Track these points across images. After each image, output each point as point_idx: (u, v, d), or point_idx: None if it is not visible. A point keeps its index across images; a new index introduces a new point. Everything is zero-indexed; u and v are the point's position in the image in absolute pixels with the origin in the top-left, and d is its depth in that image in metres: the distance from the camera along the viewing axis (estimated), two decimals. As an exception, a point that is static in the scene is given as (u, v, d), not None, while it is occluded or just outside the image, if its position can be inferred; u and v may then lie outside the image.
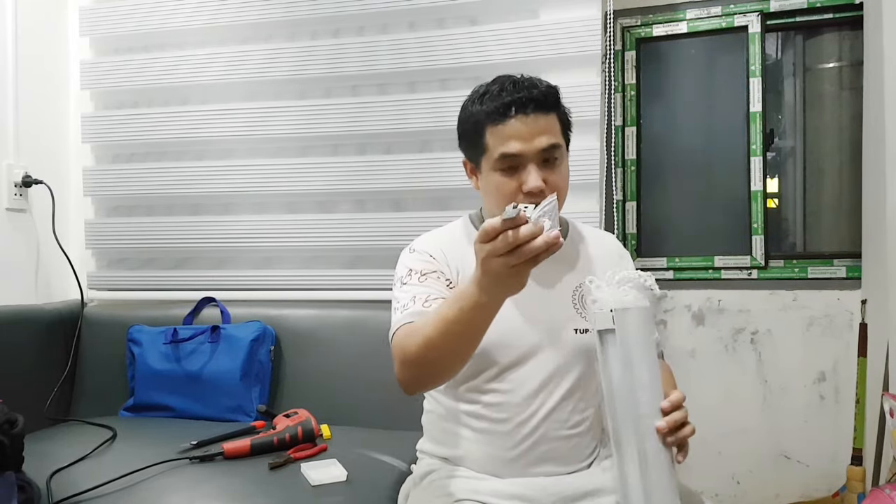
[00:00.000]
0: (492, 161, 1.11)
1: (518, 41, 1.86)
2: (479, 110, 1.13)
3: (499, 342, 1.11)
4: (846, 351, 2.05)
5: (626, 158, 2.27)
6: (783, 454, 2.11)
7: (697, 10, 2.20)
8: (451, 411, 1.19)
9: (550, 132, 1.11)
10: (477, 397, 1.15)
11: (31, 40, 2.05)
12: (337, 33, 2.02)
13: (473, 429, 1.16)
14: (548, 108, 1.12)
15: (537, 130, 1.09)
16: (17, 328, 1.82)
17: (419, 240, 1.24)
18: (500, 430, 1.13)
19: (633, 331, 0.94)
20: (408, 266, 1.18)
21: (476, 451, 1.15)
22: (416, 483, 1.23)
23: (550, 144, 1.10)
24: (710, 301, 2.17)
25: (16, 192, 1.98)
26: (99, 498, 1.23)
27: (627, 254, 1.32)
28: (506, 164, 1.10)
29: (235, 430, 1.56)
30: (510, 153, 1.09)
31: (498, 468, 1.13)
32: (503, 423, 1.13)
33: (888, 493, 1.47)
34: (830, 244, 2.22)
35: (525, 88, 1.11)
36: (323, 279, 2.00)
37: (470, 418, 1.16)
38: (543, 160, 1.10)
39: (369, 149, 1.99)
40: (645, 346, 0.95)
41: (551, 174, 1.11)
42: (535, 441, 1.12)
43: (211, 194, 2.08)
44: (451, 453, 1.19)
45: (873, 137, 1.91)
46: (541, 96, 1.11)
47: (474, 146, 1.15)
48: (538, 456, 1.12)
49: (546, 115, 1.11)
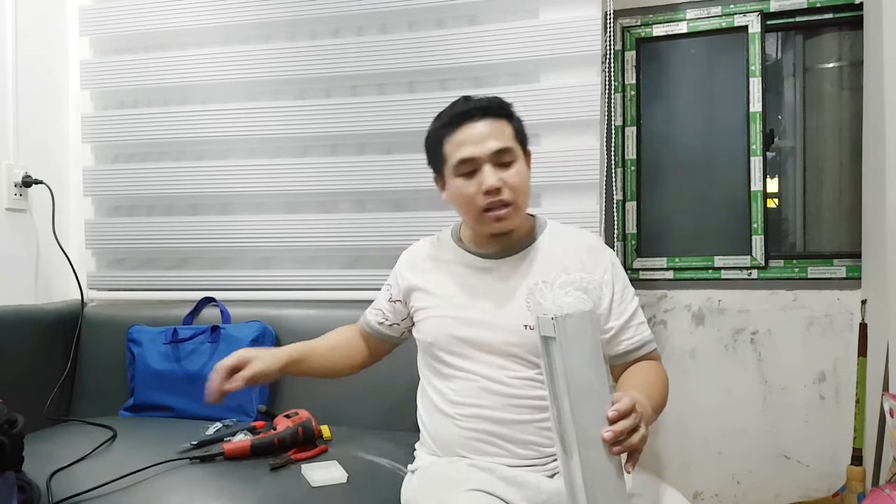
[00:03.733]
0: (452, 168, 1.24)
1: (518, 41, 1.86)
2: (437, 126, 1.27)
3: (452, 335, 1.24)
4: (846, 351, 2.05)
5: (626, 158, 2.26)
6: (783, 454, 2.11)
7: (697, 10, 2.20)
8: (428, 402, 1.30)
9: (500, 136, 1.22)
10: (438, 384, 1.28)
11: (31, 40, 2.05)
12: (337, 33, 2.02)
13: (443, 413, 1.25)
14: (496, 115, 1.24)
15: (487, 135, 1.21)
16: (16, 328, 1.82)
17: (410, 249, 1.46)
18: (461, 413, 1.22)
19: (574, 337, 0.91)
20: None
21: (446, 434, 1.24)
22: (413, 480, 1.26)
23: (501, 147, 1.21)
24: (710, 301, 2.17)
25: (16, 192, 1.98)
26: (99, 498, 1.23)
27: (602, 250, 1.31)
28: (464, 169, 1.22)
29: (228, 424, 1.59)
30: (465, 157, 1.21)
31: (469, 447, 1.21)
32: (460, 406, 1.22)
33: (888, 493, 1.47)
34: (830, 244, 2.21)
35: (475, 100, 1.25)
36: (323, 279, 2.00)
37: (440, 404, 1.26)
38: (498, 163, 1.21)
39: (369, 149, 1.99)
40: (589, 351, 0.92)
41: (507, 175, 1.21)
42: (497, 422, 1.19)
43: (211, 194, 2.08)
44: (432, 443, 1.27)
45: (873, 137, 1.91)
46: (487, 104, 1.24)
47: (437, 159, 1.28)
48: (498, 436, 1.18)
49: (495, 121, 1.23)
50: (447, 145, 1.24)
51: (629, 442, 0.93)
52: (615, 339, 1.25)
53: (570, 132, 1.84)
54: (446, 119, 1.25)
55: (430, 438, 1.29)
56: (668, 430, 2.16)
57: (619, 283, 1.27)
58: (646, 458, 1.05)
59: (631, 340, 1.25)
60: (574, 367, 0.91)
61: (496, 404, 1.19)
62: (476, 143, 1.21)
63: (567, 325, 0.91)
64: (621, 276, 1.28)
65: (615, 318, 1.25)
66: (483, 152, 1.20)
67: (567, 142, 1.84)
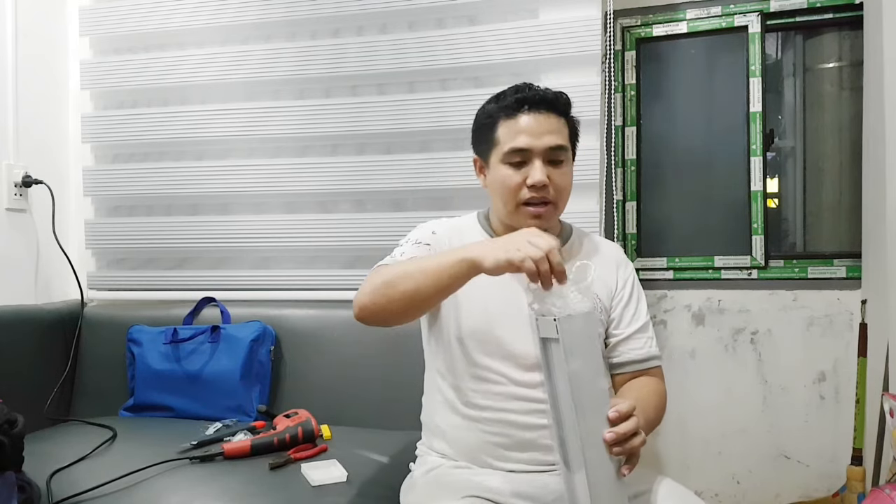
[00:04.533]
0: (501, 154, 1.18)
1: (518, 41, 1.86)
2: (494, 107, 1.21)
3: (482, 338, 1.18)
4: (846, 351, 2.05)
5: (626, 158, 2.26)
6: (783, 454, 2.11)
7: (697, 10, 2.20)
8: (442, 402, 1.24)
9: (558, 133, 1.18)
10: (459, 383, 1.21)
11: (31, 40, 2.05)
12: (337, 33, 2.02)
13: (463, 416, 1.20)
14: (558, 111, 1.19)
15: (546, 129, 1.16)
16: (16, 328, 1.82)
17: (434, 221, 1.33)
18: (485, 417, 1.17)
19: (577, 338, 0.91)
20: (412, 235, 1.28)
21: (465, 437, 1.19)
22: (416, 480, 1.24)
23: (557, 144, 1.17)
24: (710, 301, 2.17)
25: (16, 192, 1.98)
26: (99, 498, 1.23)
27: (628, 263, 1.31)
28: (514, 158, 1.17)
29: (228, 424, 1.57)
30: (519, 147, 1.16)
31: (489, 451, 1.17)
32: (486, 410, 1.17)
33: (888, 493, 1.47)
34: (830, 244, 2.21)
35: (539, 90, 1.19)
36: (323, 279, 2.00)
37: (459, 406, 1.20)
38: (549, 159, 1.17)
39: (369, 149, 1.99)
40: (590, 352, 0.92)
41: (556, 174, 1.17)
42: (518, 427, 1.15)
43: (211, 194, 2.08)
44: (445, 446, 1.23)
45: (873, 137, 1.91)
46: (553, 97, 1.19)
47: (486, 141, 1.21)
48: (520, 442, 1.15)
49: (556, 117, 1.18)
50: (501, 130, 1.18)
51: (630, 444, 0.93)
52: (621, 347, 1.23)
53: (571, 132, 1.83)
54: (509, 101, 1.18)
55: (444, 441, 1.23)
56: (668, 430, 2.16)
57: (635, 294, 1.26)
58: (646, 457, 1.05)
59: (638, 351, 1.23)
60: (576, 369, 0.91)
61: (523, 409, 1.15)
62: (533, 136, 1.15)
63: (569, 326, 0.91)
64: (639, 290, 1.28)
65: (625, 325, 1.23)
66: (538, 146, 1.15)
67: (567, 142, 1.84)
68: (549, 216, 1.20)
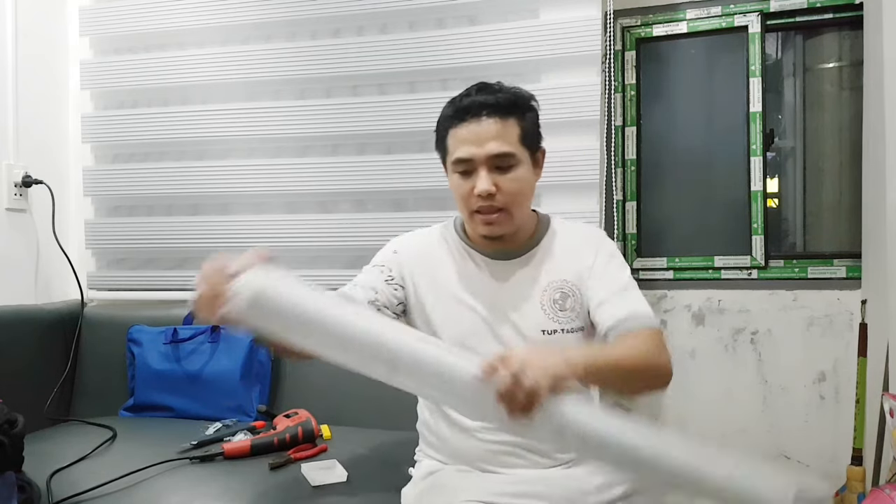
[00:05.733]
0: (450, 163, 1.18)
1: (518, 41, 1.86)
2: (446, 113, 1.19)
3: (463, 345, 1.13)
4: (846, 351, 2.04)
5: (626, 158, 2.26)
6: (783, 454, 2.11)
7: (697, 10, 2.20)
8: (436, 412, 1.23)
9: (502, 139, 1.13)
10: None
11: (31, 40, 2.05)
12: (337, 33, 2.02)
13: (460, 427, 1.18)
14: (504, 114, 1.14)
15: (488, 136, 1.13)
16: (16, 328, 1.82)
17: (401, 237, 1.32)
18: (479, 426, 1.16)
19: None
20: (378, 255, 1.29)
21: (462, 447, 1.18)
22: (417, 484, 1.24)
23: (501, 152, 1.13)
24: (710, 301, 2.17)
25: (16, 192, 1.98)
26: (99, 498, 1.23)
27: (602, 241, 1.25)
28: (460, 168, 1.16)
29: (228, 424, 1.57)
30: (462, 157, 1.15)
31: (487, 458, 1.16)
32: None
33: (888, 493, 1.47)
34: (830, 244, 2.21)
35: (488, 93, 1.15)
36: (323, 279, 2.00)
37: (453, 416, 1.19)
38: (496, 166, 1.14)
39: (369, 149, 1.99)
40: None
41: (503, 180, 1.14)
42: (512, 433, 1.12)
43: (211, 194, 2.08)
44: (443, 454, 1.22)
45: (873, 137, 1.91)
46: (496, 102, 1.14)
47: (441, 148, 1.22)
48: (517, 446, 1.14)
49: (502, 121, 1.14)
50: (450, 137, 1.17)
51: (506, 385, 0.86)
52: (598, 317, 1.16)
53: (571, 132, 1.83)
54: (451, 111, 1.18)
55: (443, 451, 1.23)
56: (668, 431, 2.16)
57: (610, 264, 1.20)
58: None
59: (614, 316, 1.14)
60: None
61: None
62: (475, 144, 1.13)
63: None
64: (616, 260, 1.21)
65: (597, 292, 1.17)
66: (479, 155, 1.13)
67: (567, 142, 1.84)
68: (503, 222, 1.16)
